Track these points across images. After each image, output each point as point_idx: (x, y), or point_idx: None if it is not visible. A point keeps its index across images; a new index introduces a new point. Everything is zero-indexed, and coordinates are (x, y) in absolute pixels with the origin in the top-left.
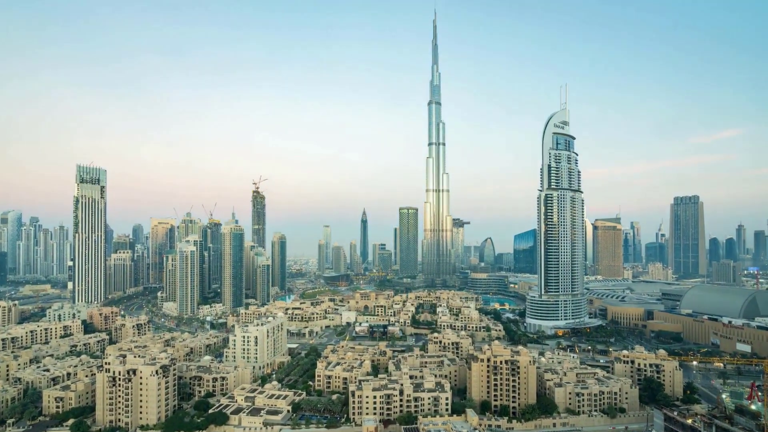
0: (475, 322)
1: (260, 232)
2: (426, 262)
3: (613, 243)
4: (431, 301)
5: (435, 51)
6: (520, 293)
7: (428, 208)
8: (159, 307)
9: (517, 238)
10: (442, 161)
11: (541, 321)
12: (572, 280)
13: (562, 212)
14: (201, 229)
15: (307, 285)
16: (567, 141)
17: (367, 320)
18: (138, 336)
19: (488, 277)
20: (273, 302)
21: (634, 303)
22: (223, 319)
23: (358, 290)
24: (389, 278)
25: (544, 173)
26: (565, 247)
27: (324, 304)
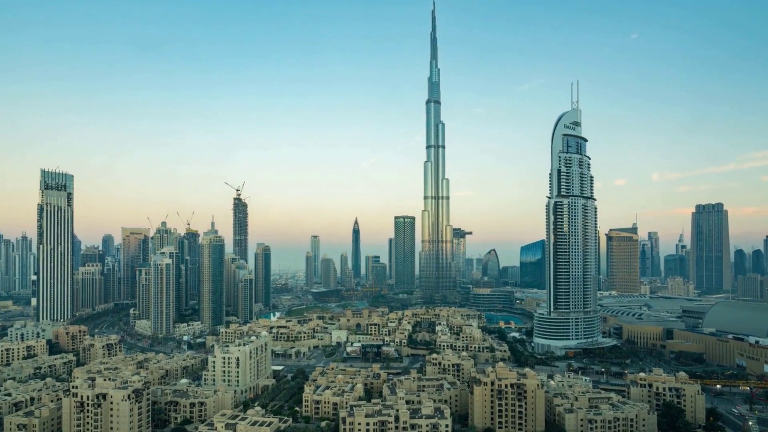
0: (477, 341)
1: (242, 244)
2: (424, 276)
3: (628, 255)
4: (430, 319)
5: (434, 45)
6: (527, 310)
7: (426, 217)
8: (131, 326)
9: (523, 249)
10: (442, 165)
11: (550, 341)
12: (584, 295)
13: (574, 221)
14: (177, 239)
15: (293, 301)
16: (578, 143)
17: (359, 340)
18: (108, 357)
19: (492, 292)
20: (256, 320)
21: (652, 321)
22: (202, 339)
23: (349, 307)
24: (384, 294)
25: (554, 179)
26: (577, 260)
27: (312, 322)
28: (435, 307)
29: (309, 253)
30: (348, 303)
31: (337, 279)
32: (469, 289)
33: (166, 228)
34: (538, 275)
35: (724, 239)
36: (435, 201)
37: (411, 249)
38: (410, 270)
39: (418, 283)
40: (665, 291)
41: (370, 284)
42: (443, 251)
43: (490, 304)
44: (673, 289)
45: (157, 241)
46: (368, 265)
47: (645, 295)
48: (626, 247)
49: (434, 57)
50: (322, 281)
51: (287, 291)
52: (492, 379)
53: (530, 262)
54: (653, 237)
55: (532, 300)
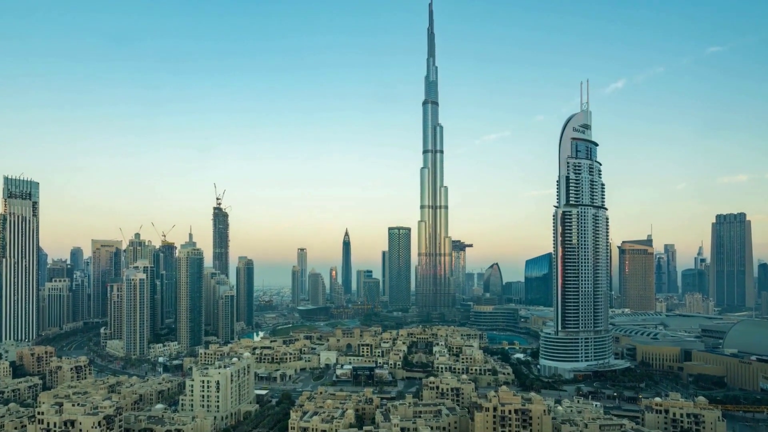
0: (478, 363)
1: (223, 257)
2: (420, 293)
3: (643, 269)
4: (427, 339)
5: (431, 40)
6: (533, 329)
7: (423, 228)
8: (102, 346)
9: (529, 264)
10: (440, 172)
11: (558, 363)
12: (595, 313)
13: (583, 233)
14: (152, 252)
15: (278, 320)
16: (588, 148)
17: (350, 362)
18: (77, 380)
19: (494, 310)
20: (238, 340)
21: (669, 341)
22: (179, 361)
23: (339, 326)
24: (376, 311)
25: (562, 186)
26: (587, 275)
27: (299, 342)
28: (432, 326)
29: (295, 267)
30: (338, 321)
31: (325, 295)
32: (469, 306)
33: (140, 240)
34: (545, 292)
35: (746, 252)
36: (432, 210)
37: (406, 263)
38: (405, 286)
39: (414, 300)
40: (683, 308)
41: (362, 301)
42: (441, 265)
43: (492, 322)
44: (691, 306)
45: (130, 255)
46: (360, 281)
47: (661, 313)
48: (640, 260)
49: (432, 54)
50: (310, 298)
51: (272, 308)
52: (494, 405)
53: (536, 278)
54: (670, 249)
55: (538, 318)
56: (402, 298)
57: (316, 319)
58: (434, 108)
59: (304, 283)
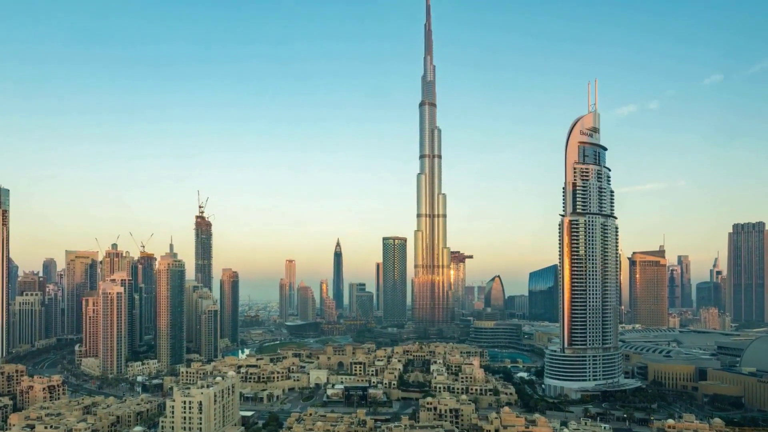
0: (479, 383)
1: (206, 269)
2: (417, 307)
3: (655, 282)
4: (424, 357)
5: (428, 38)
6: (537, 346)
7: (420, 239)
8: (77, 365)
9: (533, 276)
10: (438, 178)
11: (564, 382)
12: (603, 329)
13: (591, 243)
14: (130, 264)
15: (265, 336)
16: (597, 153)
17: (341, 381)
18: (50, 401)
19: (496, 326)
20: (222, 358)
21: (683, 359)
22: (159, 380)
23: (330, 343)
24: (370, 327)
25: (568, 194)
26: (595, 288)
27: (287, 360)
28: (430, 343)
29: (283, 280)
30: (329, 338)
31: (315, 310)
32: (469, 321)
33: (117, 251)
34: (550, 306)
35: (765, 264)
36: (430, 219)
37: (402, 275)
38: (401, 300)
39: (411, 315)
40: (697, 324)
41: (355, 316)
42: (439, 278)
43: (493, 339)
44: (706, 321)
45: (107, 266)
46: (352, 295)
47: (674, 329)
48: (652, 272)
49: (429, 52)
50: (299, 313)
51: (258, 324)
52: (496, 427)
53: (540, 291)
54: (683, 261)
55: (543, 335)
56: (397, 313)
57: (306, 335)
58: (432, 110)
59: (292, 297)
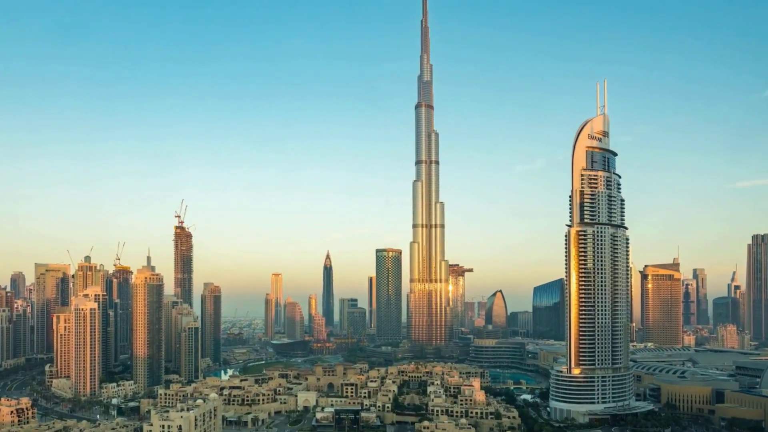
0: (480, 406)
1: (186, 283)
2: (413, 324)
3: (669, 298)
4: (420, 378)
5: (424, 35)
6: (542, 367)
7: (416, 250)
8: (47, 386)
9: (537, 291)
10: (435, 186)
11: (571, 405)
12: (613, 348)
13: (600, 255)
14: (105, 278)
15: (250, 355)
16: (606, 158)
17: (332, 404)
18: (19, 425)
19: (498, 344)
20: (203, 379)
21: (698, 380)
22: (135, 402)
23: (319, 362)
24: (363, 346)
25: (575, 202)
26: (604, 304)
27: (273, 381)
28: (427, 363)
29: (269, 295)
30: (318, 358)
31: (304, 328)
32: (469, 340)
33: (91, 264)
34: (556, 323)
35: None
36: (427, 230)
37: (397, 290)
38: (395, 317)
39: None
40: (714, 342)
41: (346, 334)
42: (437, 293)
43: (495, 358)
44: (724, 340)
45: (80, 281)
46: (343, 311)
47: (689, 348)
48: (665, 287)
49: (425, 50)
50: (286, 330)
51: (242, 342)
52: None
53: (545, 307)
54: (699, 275)
55: (548, 354)
56: (392, 330)
57: (293, 354)
58: (429, 112)
59: (279, 313)
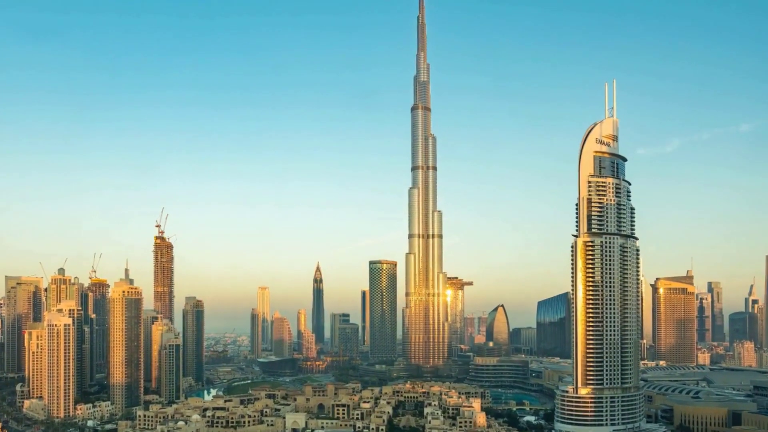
0: (480, 428)
1: (166, 297)
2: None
3: (682, 312)
4: (416, 398)
5: (421, 32)
6: (547, 386)
7: (412, 262)
8: (18, 407)
9: (541, 306)
10: (433, 193)
11: (578, 427)
12: (623, 367)
13: (609, 267)
14: (80, 292)
15: (234, 374)
16: (615, 164)
17: (322, 426)
18: None
19: (499, 362)
20: (185, 399)
21: (714, 401)
22: (112, 425)
23: (309, 382)
24: (355, 364)
25: (582, 211)
26: (613, 319)
27: (259, 402)
28: (423, 383)
29: (255, 310)
30: (307, 377)
31: (292, 345)
32: (468, 357)
33: (65, 277)
34: (561, 340)
35: None
36: (424, 241)
37: (392, 305)
38: (390, 333)
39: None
40: (731, 360)
41: (337, 352)
42: (434, 308)
43: (496, 378)
44: (741, 357)
45: (53, 295)
46: (334, 327)
47: (704, 366)
48: (679, 301)
49: (422, 48)
50: (273, 348)
51: (226, 361)
52: None
53: (550, 323)
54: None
55: (553, 373)
56: (386, 347)
57: (281, 373)
58: (425, 115)
59: (265, 329)
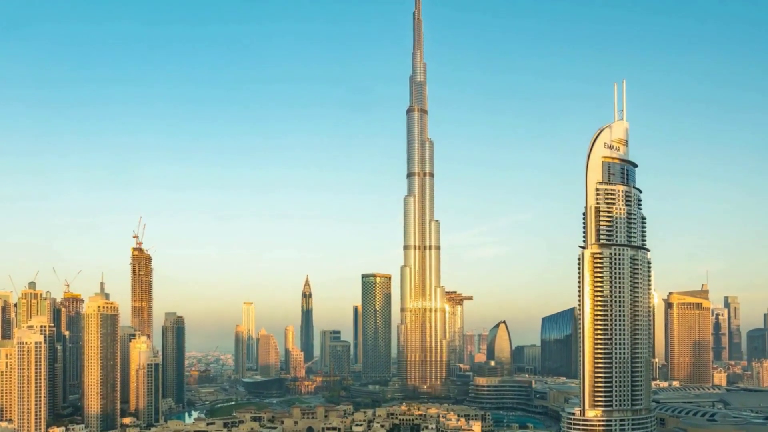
0: None
1: (145, 313)
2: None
3: (696, 329)
4: (412, 421)
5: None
6: (552, 408)
7: (408, 276)
8: None
9: (546, 322)
10: (430, 201)
11: None
12: (633, 387)
13: (618, 281)
14: (52, 307)
15: (218, 395)
16: (625, 170)
17: None
18: None
19: (501, 383)
20: (164, 423)
21: (730, 424)
22: None
23: (297, 404)
24: (346, 385)
25: (590, 220)
26: (623, 336)
27: (244, 425)
28: (420, 404)
29: (240, 327)
30: (295, 398)
31: (279, 364)
32: (468, 377)
33: (36, 291)
34: (567, 358)
35: None
36: (420, 252)
37: (386, 321)
38: (385, 351)
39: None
40: (749, 380)
41: (327, 371)
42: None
43: (498, 399)
44: (759, 377)
45: (23, 310)
46: (324, 344)
47: (720, 387)
48: (693, 318)
49: (418, 47)
50: (259, 367)
51: (209, 381)
52: None
53: (555, 340)
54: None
55: (559, 394)
56: (380, 367)
57: (267, 394)
58: (422, 117)
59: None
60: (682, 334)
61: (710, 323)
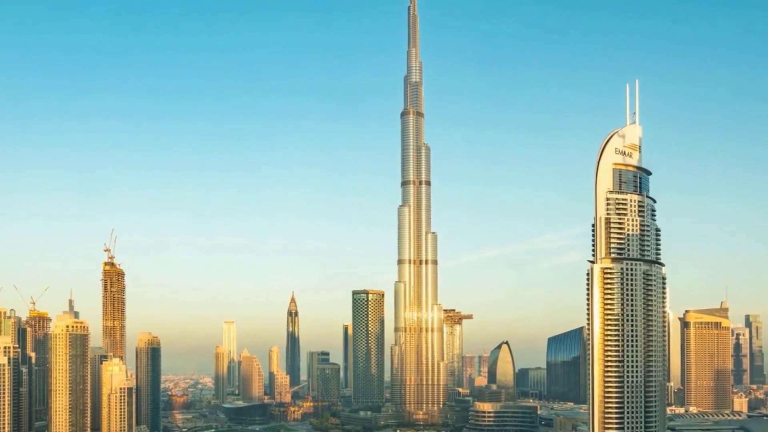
0: None
1: (117, 333)
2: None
3: (715, 350)
4: None
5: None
6: None
7: (402, 292)
8: None
9: (552, 343)
10: (426, 212)
11: None
12: (646, 413)
13: (631, 298)
14: (16, 327)
15: (196, 422)
16: (638, 178)
17: None
18: None
19: (504, 408)
20: None
21: None
22: None
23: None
24: (336, 410)
25: (599, 232)
26: (636, 358)
27: None
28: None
29: (220, 347)
30: (281, 425)
31: (263, 388)
32: (468, 403)
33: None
34: (575, 382)
35: None
36: (416, 267)
37: (379, 342)
38: (377, 374)
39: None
40: None
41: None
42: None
43: (500, 426)
44: None
45: None
46: (312, 367)
47: (740, 413)
48: (711, 338)
49: (414, 45)
50: (241, 391)
51: (187, 406)
52: None
53: (562, 362)
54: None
55: (566, 420)
56: (372, 391)
57: (250, 420)
58: (418, 121)
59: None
60: (700, 356)
61: (730, 344)
